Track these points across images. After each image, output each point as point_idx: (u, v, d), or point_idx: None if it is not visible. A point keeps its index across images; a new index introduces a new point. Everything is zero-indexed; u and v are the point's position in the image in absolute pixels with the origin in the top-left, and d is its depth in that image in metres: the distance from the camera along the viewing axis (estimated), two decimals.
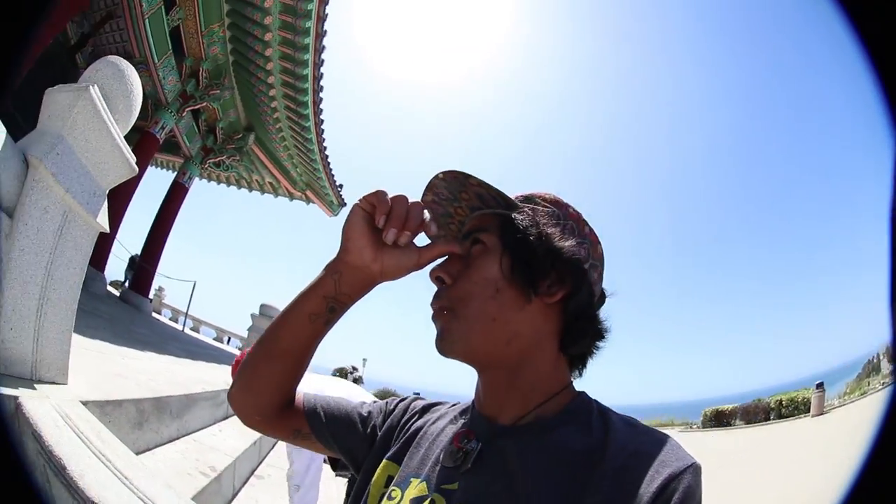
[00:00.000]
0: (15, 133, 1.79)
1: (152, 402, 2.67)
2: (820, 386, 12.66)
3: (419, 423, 0.65)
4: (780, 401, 13.93)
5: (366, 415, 0.70)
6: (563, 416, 0.54)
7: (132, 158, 2.14)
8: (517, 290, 0.54)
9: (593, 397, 0.57)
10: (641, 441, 0.48)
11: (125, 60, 2.14)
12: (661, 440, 0.48)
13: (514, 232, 0.55)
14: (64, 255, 1.78)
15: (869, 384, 13.90)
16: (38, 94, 1.88)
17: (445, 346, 0.56)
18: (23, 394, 1.57)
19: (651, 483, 0.43)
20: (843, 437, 8.48)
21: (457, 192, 0.60)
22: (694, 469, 0.45)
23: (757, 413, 14.42)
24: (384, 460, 0.62)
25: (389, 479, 0.59)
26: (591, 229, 0.60)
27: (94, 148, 1.89)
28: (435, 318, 0.58)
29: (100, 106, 1.86)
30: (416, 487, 0.54)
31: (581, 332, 0.57)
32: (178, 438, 3.05)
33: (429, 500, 0.52)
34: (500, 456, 0.52)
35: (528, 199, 0.59)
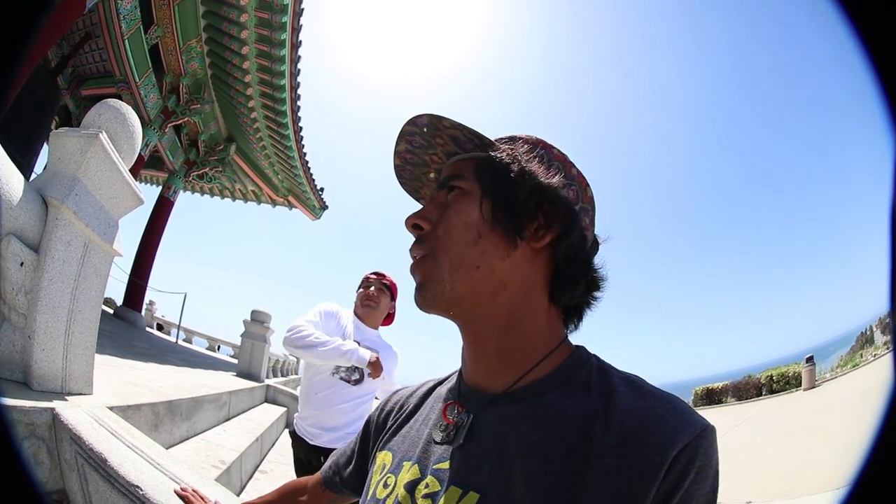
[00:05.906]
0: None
1: (165, 405, 2.95)
2: (809, 360, 12.53)
3: (409, 406, 0.62)
4: (771, 376, 13.70)
5: (362, 435, 0.69)
6: (557, 375, 0.49)
7: (140, 192, 2.40)
8: (501, 236, 0.49)
9: (592, 352, 0.52)
10: (648, 404, 0.44)
11: (124, 104, 2.39)
12: (669, 401, 0.44)
13: (492, 171, 0.51)
14: (86, 281, 2.05)
15: (862, 356, 13.80)
16: (23, 118, 2.09)
17: (427, 297, 0.51)
18: (57, 405, 1.83)
19: (664, 453, 0.40)
20: (836, 407, 8.51)
21: (430, 139, 0.55)
22: (710, 432, 0.42)
23: (748, 389, 14.17)
24: (382, 451, 0.59)
25: (384, 469, 0.56)
26: (578, 171, 0.54)
27: (106, 186, 2.16)
28: (414, 268, 0.53)
29: (109, 149, 2.12)
30: (409, 471, 0.51)
31: (573, 279, 0.51)
32: (188, 438, 3.34)
33: (422, 483, 0.49)
34: (491, 427, 0.48)
35: (509, 139, 0.55)
